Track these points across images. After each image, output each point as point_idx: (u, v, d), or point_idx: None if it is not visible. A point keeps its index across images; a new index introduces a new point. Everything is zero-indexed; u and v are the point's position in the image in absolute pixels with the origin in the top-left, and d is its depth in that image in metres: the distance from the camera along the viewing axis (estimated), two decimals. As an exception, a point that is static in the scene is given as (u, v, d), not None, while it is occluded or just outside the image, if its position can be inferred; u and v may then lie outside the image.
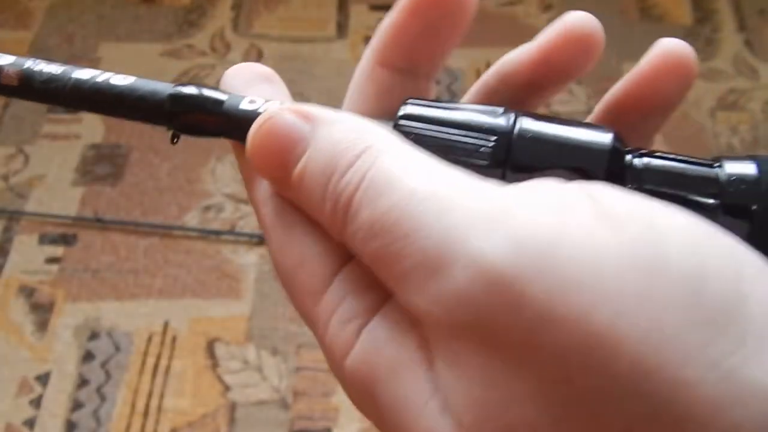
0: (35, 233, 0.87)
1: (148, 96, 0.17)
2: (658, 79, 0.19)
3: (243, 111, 0.16)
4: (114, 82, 0.17)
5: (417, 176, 0.13)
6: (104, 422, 0.74)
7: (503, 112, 0.16)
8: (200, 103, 0.17)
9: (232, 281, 0.83)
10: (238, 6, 1.07)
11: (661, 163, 0.15)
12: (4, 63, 0.18)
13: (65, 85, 0.18)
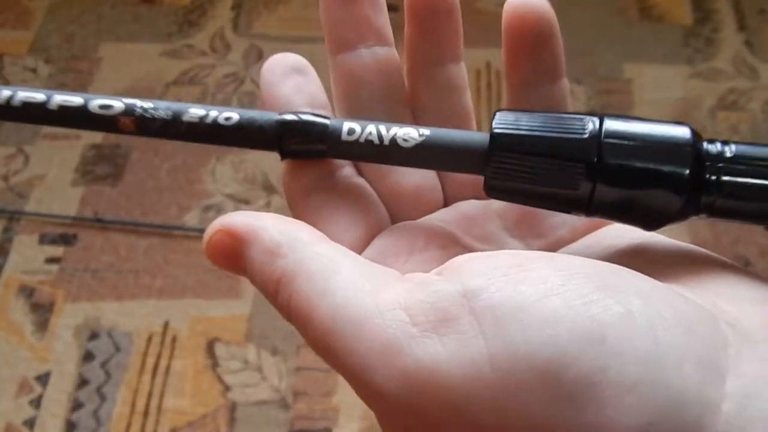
0: (35, 233, 0.87)
1: (257, 127, 0.19)
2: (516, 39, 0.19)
3: (346, 141, 0.18)
4: (223, 118, 0.19)
5: (324, 312, 0.15)
6: (104, 422, 0.75)
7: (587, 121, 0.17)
8: (306, 130, 0.18)
9: (232, 281, 0.83)
10: (238, 6, 1.07)
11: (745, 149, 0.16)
12: (117, 112, 0.19)
13: (179, 128, 0.19)
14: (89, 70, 1.01)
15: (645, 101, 0.96)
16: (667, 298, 0.14)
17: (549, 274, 0.14)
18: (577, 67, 0.99)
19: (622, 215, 0.17)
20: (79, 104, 0.20)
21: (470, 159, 0.17)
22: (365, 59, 0.19)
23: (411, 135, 0.18)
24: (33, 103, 0.20)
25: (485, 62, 0.98)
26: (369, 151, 0.18)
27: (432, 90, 0.20)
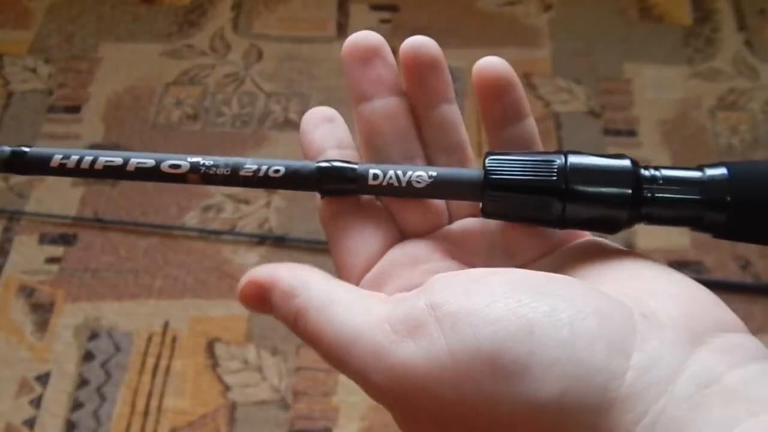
0: (35, 233, 0.87)
1: (300, 176, 0.23)
2: (486, 99, 0.24)
3: (372, 184, 0.23)
4: (273, 171, 0.23)
5: (330, 333, 0.20)
6: (104, 422, 0.75)
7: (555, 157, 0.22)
8: (339, 175, 0.23)
9: (232, 281, 0.83)
10: (238, 6, 1.07)
11: (670, 173, 0.22)
12: (185, 170, 0.23)
13: (238, 179, 0.23)
14: (89, 70, 1.01)
15: (645, 101, 0.96)
16: (588, 297, 0.18)
17: (498, 286, 0.18)
18: (577, 67, 0.99)
19: (587, 226, 0.22)
20: (151, 165, 0.23)
21: (469, 191, 0.23)
22: (379, 110, 0.24)
23: (422, 177, 0.23)
24: (112, 166, 0.23)
25: (485, 62, 0.98)
26: (391, 191, 0.23)
27: (431, 129, 0.25)
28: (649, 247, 0.83)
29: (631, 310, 0.18)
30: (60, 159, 0.24)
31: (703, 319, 0.18)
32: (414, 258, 0.23)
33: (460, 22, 1.04)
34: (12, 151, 0.24)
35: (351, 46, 0.24)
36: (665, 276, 0.21)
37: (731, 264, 0.83)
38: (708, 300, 0.19)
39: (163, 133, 0.95)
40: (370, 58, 0.24)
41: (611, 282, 0.20)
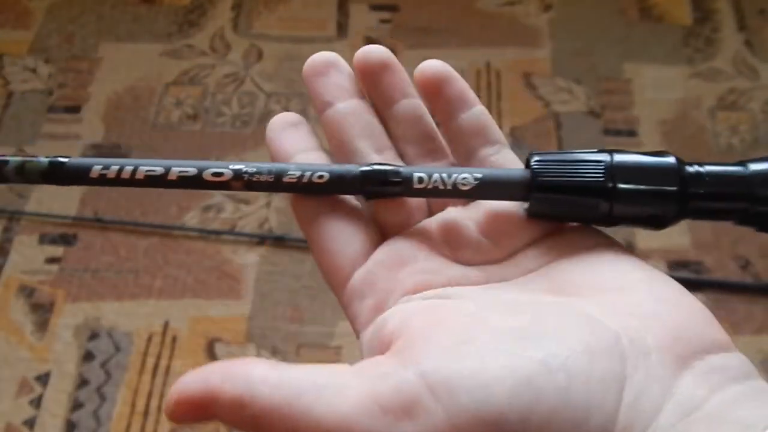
0: (35, 233, 0.87)
1: (345, 181, 0.23)
2: (428, 99, 0.25)
3: (417, 188, 0.23)
4: (317, 177, 0.23)
5: (308, 429, 0.18)
6: (104, 422, 0.75)
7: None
8: (386, 177, 0.23)
9: (232, 281, 0.83)
10: (238, 6, 1.07)
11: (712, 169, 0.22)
12: (228, 178, 0.23)
13: (282, 186, 0.23)
14: (89, 70, 1.01)
15: (645, 101, 0.96)
16: (577, 331, 0.18)
17: (486, 342, 0.18)
18: (577, 67, 0.99)
19: (634, 223, 0.23)
20: (194, 174, 0.23)
21: (515, 192, 0.23)
22: (342, 110, 0.25)
23: (468, 179, 0.23)
24: (153, 175, 0.23)
25: (485, 62, 0.98)
26: (436, 193, 0.23)
27: (396, 124, 0.25)
28: (649, 247, 0.83)
29: (618, 336, 0.18)
30: (100, 169, 0.23)
31: (689, 341, 0.18)
32: (400, 258, 0.23)
33: (460, 22, 1.04)
34: (50, 162, 0.24)
35: (307, 66, 0.26)
36: (653, 287, 0.20)
37: (731, 264, 0.83)
38: (694, 316, 0.20)
39: (163, 133, 0.95)
40: (326, 70, 0.25)
41: (598, 292, 0.20)
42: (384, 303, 0.22)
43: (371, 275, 0.23)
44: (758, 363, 0.75)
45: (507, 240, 0.23)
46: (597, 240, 0.23)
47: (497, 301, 0.21)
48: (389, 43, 1.00)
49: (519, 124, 0.94)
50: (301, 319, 0.81)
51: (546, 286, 0.21)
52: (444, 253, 0.23)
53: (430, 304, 0.21)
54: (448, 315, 0.20)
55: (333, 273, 0.23)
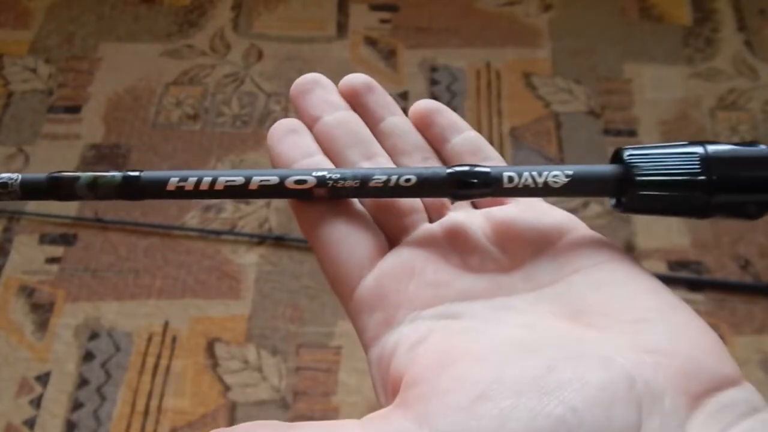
0: (35, 233, 0.87)
1: (433, 184, 0.23)
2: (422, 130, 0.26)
3: (507, 187, 0.23)
4: (404, 180, 0.23)
5: None
6: (104, 422, 0.75)
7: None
8: (475, 178, 0.22)
9: (232, 281, 0.83)
10: (238, 6, 1.07)
11: None
12: (311, 185, 0.23)
13: (368, 191, 0.23)
14: (89, 70, 1.01)
15: (645, 101, 0.96)
16: (596, 379, 0.18)
17: (503, 397, 0.18)
18: (577, 67, 0.99)
19: (731, 213, 0.22)
20: (276, 183, 0.23)
21: (606, 188, 0.23)
22: (330, 122, 0.25)
23: (559, 177, 0.23)
24: (234, 185, 0.23)
25: (485, 62, 0.98)
26: (527, 192, 0.23)
27: (385, 137, 0.26)
28: (648, 247, 0.83)
29: (633, 380, 0.18)
30: (177, 182, 0.23)
31: (700, 380, 0.19)
32: (409, 269, 0.23)
33: (460, 22, 1.04)
34: (123, 177, 0.23)
35: (293, 89, 0.26)
36: (665, 317, 0.20)
37: (731, 264, 0.83)
38: (706, 349, 0.20)
39: (163, 133, 0.95)
40: (310, 88, 0.26)
41: (612, 323, 0.20)
42: (393, 318, 0.22)
43: (380, 287, 0.22)
44: (758, 363, 0.75)
45: (515, 247, 0.23)
46: (610, 254, 0.23)
47: (511, 335, 0.20)
48: (389, 43, 1.00)
49: (519, 124, 0.94)
50: (301, 319, 0.81)
51: (558, 310, 0.21)
52: (453, 261, 0.23)
53: (440, 331, 0.21)
54: (461, 354, 0.20)
55: (339, 282, 0.23)
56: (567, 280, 0.22)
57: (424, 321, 0.21)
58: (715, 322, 0.78)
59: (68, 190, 0.23)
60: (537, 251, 0.23)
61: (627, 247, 0.82)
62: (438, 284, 0.22)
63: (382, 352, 0.21)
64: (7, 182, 0.23)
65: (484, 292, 0.22)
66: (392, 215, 0.24)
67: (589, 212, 0.85)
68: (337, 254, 0.23)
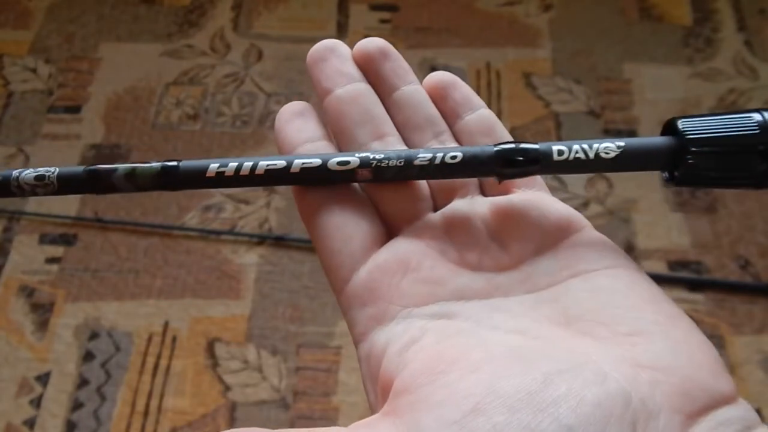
0: (35, 233, 0.87)
1: (479, 161, 0.22)
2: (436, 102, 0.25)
3: (557, 161, 0.22)
4: (450, 158, 0.22)
5: None
6: (104, 422, 0.75)
7: None
8: (523, 155, 0.22)
9: (232, 281, 0.83)
10: (238, 6, 1.07)
11: None
12: (354, 166, 0.22)
13: (412, 171, 0.22)
14: (89, 70, 1.01)
15: (645, 101, 0.96)
16: (592, 396, 0.17)
17: (497, 412, 0.17)
18: (577, 67, 0.99)
19: None
20: (318, 165, 0.22)
21: (660, 160, 0.22)
22: (341, 95, 0.24)
23: (610, 148, 0.22)
24: (275, 169, 0.22)
25: (485, 62, 0.98)
26: (577, 166, 0.22)
27: (398, 110, 0.25)
28: (648, 247, 0.83)
29: (629, 397, 0.18)
30: (217, 168, 0.22)
31: (696, 398, 0.18)
32: (404, 263, 0.22)
33: (460, 22, 1.04)
34: (162, 167, 0.22)
35: (309, 55, 0.25)
36: (664, 330, 0.20)
37: (731, 264, 0.83)
38: (705, 368, 0.19)
39: (163, 133, 0.95)
40: (325, 56, 0.25)
41: (610, 335, 0.20)
42: (384, 314, 0.21)
43: (372, 281, 0.22)
44: (758, 363, 0.75)
45: (515, 243, 0.22)
46: (613, 259, 0.22)
47: (505, 342, 0.20)
48: (389, 43, 1.00)
49: (519, 124, 0.94)
50: (301, 319, 0.81)
51: (554, 314, 0.21)
52: (450, 256, 0.22)
53: (433, 332, 0.20)
54: (454, 361, 0.19)
55: (332, 272, 0.23)
56: (566, 283, 0.21)
57: (416, 320, 0.21)
58: (715, 322, 0.78)
59: (106, 181, 0.23)
60: (538, 249, 0.22)
61: (627, 247, 0.82)
62: (433, 281, 0.22)
63: (372, 350, 0.21)
64: (45, 175, 0.23)
65: (481, 291, 0.22)
66: (396, 203, 0.23)
67: (589, 212, 0.85)
68: (332, 244, 0.22)
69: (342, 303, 0.22)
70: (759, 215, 0.86)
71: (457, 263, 0.22)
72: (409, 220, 0.23)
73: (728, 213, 0.86)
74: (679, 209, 0.86)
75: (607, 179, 0.88)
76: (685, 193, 0.87)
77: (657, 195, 0.87)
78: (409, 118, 0.25)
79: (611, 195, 0.87)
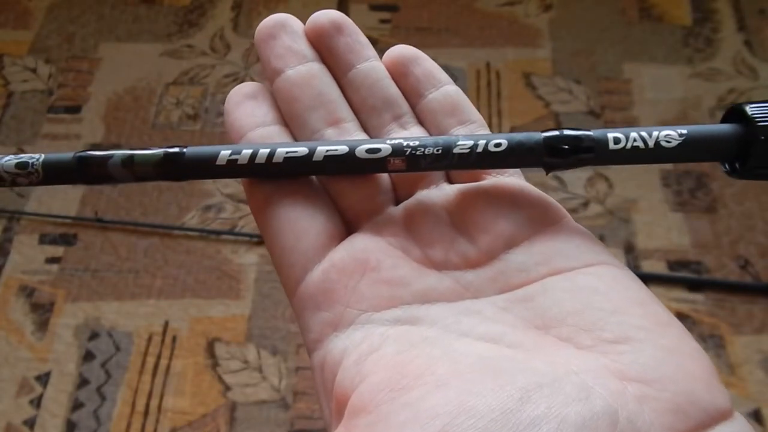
0: (35, 233, 0.87)
1: (526, 149, 0.20)
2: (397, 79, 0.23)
3: (613, 150, 0.20)
4: (493, 145, 0.20)
5: None
6: (104, 422, 0.75)
7: None
8: (576, 144, 0.20)
9: (232, 281, 0.83)
10: (238, 6, 1.07)
11: None
12: (386, 154, 0.20)
13: (451, 160, 0.20)
14: (89, 70, 1.01)
15: (645, 101, 0.96)
16: (575, 416, 0.15)
17: (470, 428, 0.15)
18: (577, 67, 0.99)
19: None
20: (344, 152, 0.20)
21: (726, 150, 0.20)
22: (291, 78, 0.22)
23: (672, 136, 0.20)
24: (295, 157, 0.20)
25: (485, 62, 0.98)
26: (635, 155, 0.20)
27: (354, 91, 0.22)
28: (648, 247, 0.83)
29: (615, 415, 0.16)
30: (229, 155, 0.20)
31: (690, 415, 0.16)
32: (363, 263, 0.20)
33: (460, 22, 1.04)
34: (165, 153, 0.20)
35: (257, 31, 0.22)
36: (652, 338, 0.18)
37: (731, 264, 0.83)
38: (699, 379, 0.17)
39: (163, 133, 0.95)
40: (275, 33, 0.22)
41: (593, 342, 0.18)
42: (340, 320, 0.19)
43: (328, 282, 0.19)
44: (758, 363, 0.75)
45: (485, 236, 0.20)
46: (595, 255, 0.20)
47: (476, 352, 0.17)
48: (389, 43, 1.00)
49: (519, 124, 0.94)
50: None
51: (531, 318, 0.19)
52: (413, 253, 0.20)
53: (394, 340, 0.18)
54: (418, 375, 0.17)
55: (284, 271, 0.20)
56: (543, 282, 0.19)
57: (376, 326, 0.19)
58: (715, 322, 0.78)
59: (100, 170, 0.20)
60: (511, 242, 0.20)
61: (627, 247, 0.82)
62: (395, 282, 0.19)
63: (326, 359, 0.19)
64: (28, 162, 0.20)
65: (448, 292, 0.19)
66: (354, 196, 0.21)
67: (589, 212, 0.85)
68: (284, 240, 0.20)
69: (295, 306, 0.20)
70: (759, 215, 0.86)
71: (422, 261, 0.20)
72: (369, 214, 0.21)
73: (728, 213, 0.86)
74: (679, 209, 0.86)
75: (607, 179, 0.88)
76: (685, 193, 0.87)
77: (657, 195, 0.87)
78: (365, 99, 0.22)
79: (611, 195, 0.87)
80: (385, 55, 0.23)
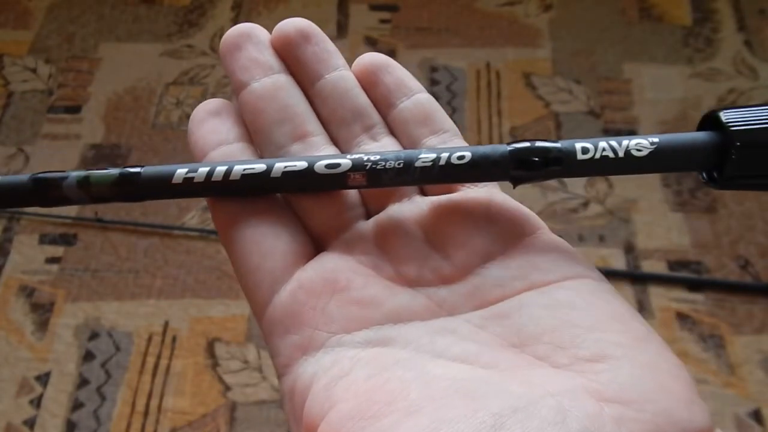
0: (35, 233, 0.87)
1: (491, 162, 0.19)
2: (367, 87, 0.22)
3: (581, 160, 0.19)
4: (456, 158, 0.19)
5: None
6: (104, 422, 0.75)
7: None
8: (542, 155, 0.19)
9: (232, 281, 0.83)
10: (238, 6, 1.07)
11: None
12: (345, 169, 0.19)
13: (413, 174, 0.19)
14: (89, 70, 1.01)
15: (645, 101, 0.96)
16: None
17: None
18: (577, 67, 0.99)
19: None
20: (303, 168, 0.19)
21: (701, 159, 0.19)
22: (257, 91, 0.21)
23: (642, 144, 0.19)
24: (252, 174, 0.19)
25: (485, 62, 0.98)
26: (605, 166, 0.19)
27: (322, 102, 0.22)
28: (648, 247, 0.83)
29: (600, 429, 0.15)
30: (185, 174, 0.20)
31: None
32: (332, 283, 0.19)
33: (460, 22, 1.04)
34: (121, 173, 0.19)
35: (221, 45, 0.22)
36: (631, 355, 0.17)
37: (731, 264, 0.83)
38: (678, 398, 0.17)
39: (163, 133, 0.95)
40: (240, 44, 0.22)
41: (569, 361, 0.17)
42: (309, 343, 0.18)
43: (295, 303, 0.19)
44: (758, 363, 0.75)
45: (459, 251, 0.19)
46: (572, 268, 0.19)
47: (450, 375, 0.17)
48: (389, 42, 1.00)
49: (519, 124, 0.94)
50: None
51: (507, 335, 0.18)
52: (385, 271, 0.19)
53: (365, 364, 0.17)
54: (390, 402, 0.16)
55: (251, 293, 0.19)
56: (519, 297, 0.19)
57: (346, 349, 0.18)
58: (715, 322, 0.78)
59: (56, 192, 0.19)
60: (486, 256, 0.19)
61: (627, 247, 0.82)
62: (365, 302, 0.19)
63: (296, 384, 0.18)
64: None
65: (421, 310, 0.19)
66: (321, 213, 0.20)
67: (589, 212, 0.85)
68: (249, 260, 0.19)
69: (263, 329, 0.19)
70: (759, 215, 0.86)
71: (393, 279, 0.19)
72: (338, 231, 0.20)
73: (728, 213, 0.86)
74: (679, 209, 0.86)
75: (607, 179, 0.88)
76: (685, 193, 0.87)
77: (657, 195, 0.87)
78: (334, 110, 0.22)
79: (611, 195, 0.86)
80: (354, 64, 0.23)
